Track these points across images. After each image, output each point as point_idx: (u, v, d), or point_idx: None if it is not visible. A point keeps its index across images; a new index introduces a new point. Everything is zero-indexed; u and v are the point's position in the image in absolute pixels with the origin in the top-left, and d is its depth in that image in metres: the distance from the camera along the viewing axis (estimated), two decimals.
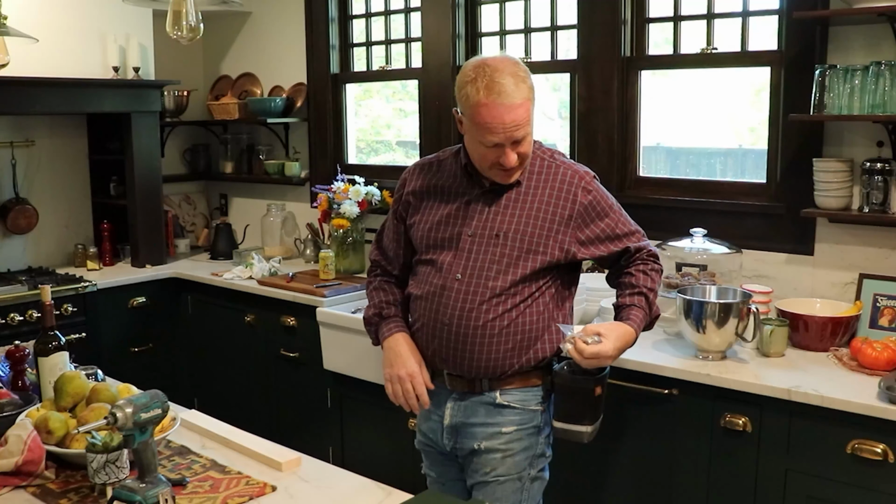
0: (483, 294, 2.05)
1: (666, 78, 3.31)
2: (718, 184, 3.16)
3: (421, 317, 2.15)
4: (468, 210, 2.11)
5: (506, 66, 1.95)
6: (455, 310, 2.07)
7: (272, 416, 3.83)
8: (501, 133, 1.94)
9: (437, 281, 2.11)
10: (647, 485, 2.64)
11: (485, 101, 1.93)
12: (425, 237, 2.16)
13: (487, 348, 2.07)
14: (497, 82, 1.92)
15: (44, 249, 4.29)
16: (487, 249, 2.07)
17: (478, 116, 1.95)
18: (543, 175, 2.11)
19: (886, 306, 2.65)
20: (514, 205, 2.09)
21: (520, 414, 2.11)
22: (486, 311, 2.05)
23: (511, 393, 2.11)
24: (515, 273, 2.05)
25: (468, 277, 2.07)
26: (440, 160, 2.23)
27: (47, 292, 2.14)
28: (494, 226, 2.08)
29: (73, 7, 3.99)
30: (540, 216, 2.07)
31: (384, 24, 4.16)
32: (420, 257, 2.19)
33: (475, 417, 2.12)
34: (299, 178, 4.38)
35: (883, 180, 2.63)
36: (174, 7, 2.76)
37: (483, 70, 1.94)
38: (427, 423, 2.24)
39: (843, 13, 2.60)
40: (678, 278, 2.89)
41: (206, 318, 4.13)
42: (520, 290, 2.07)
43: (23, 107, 3.86)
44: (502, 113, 1.92)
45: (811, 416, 2.27)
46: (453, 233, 2.11)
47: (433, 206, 2.17)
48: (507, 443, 2.11)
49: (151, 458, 1.58)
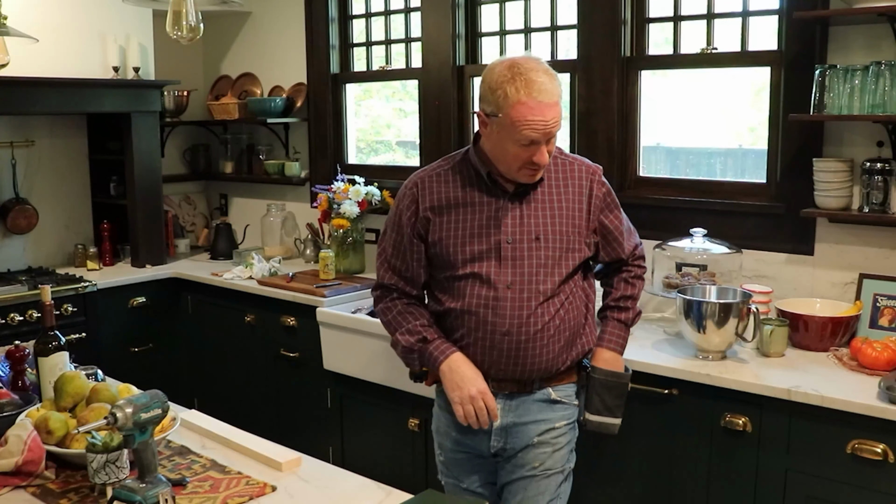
0: (537, 298, 2.08)
1: (666, 78, 3.31)
2: (718, 184, 3.16)
3: (472, 331, 2.12)
4: (500, 217, 2.10)
5: (538, 65, 1.99)
6: (513, 318, 2.08)
7: (272, 417, 3.83)
8: (542, 130, 1.97)
9: (487, 292, 2.09)
10: (647, 484, 2.64)
11: (525, 100, 1.95)
12: (460, 252, 2.12)
13: (547, 350, 2.12)
14: (535, 80, 1.95)
15: (44, 249, 4.29)
16: (531, 254, 2.09)
17: (518, 115, 1.96)
18: (560, 172, 2.16)
19: (886, 306, 2.65)
20: (542, 205, 2.12)
21: (567, 409, 2.20)
22: (541, 315, 2.09)
23: (561, 389, 2.19)
24: (561, 273, 2.11)
25: (519, 284, 2.08)
26: (446, 170, 2.19)
27: (47, 292, 2.14)
28: (531, 229, 2.10)
29: (73, 7, 3.99)
30: (567, 213, 2.13)
31: (384, 23, 4.16)
32: (455, 272, 2.13)
33: (528, 416, 2.16)
34: (299, 178, 4.38)
35: (883, 180, 2.62)
36: (174, 7, 2.76)
37: (518, 69, 1.97)
38: (464, 428, 2.18)
39: (844, 13, 2.60)
40: (678, 278, 2.89)
41: (206, 318, 4.13)
42: (563, 288, 2.12)
43: (23, 107, 3.86)
44: (544, 110, 1.96)
45: (811, 416, 2.27)
46: (490, 242, 2.10)
47: (459, 218, 2.13)
48: (557, 437, 2.18)
49: (151, 459, 1.58)
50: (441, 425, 2.29)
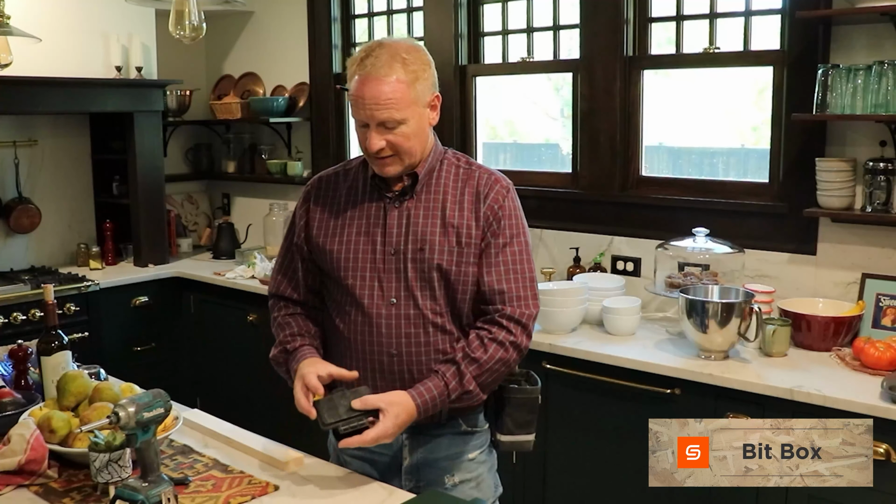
0: (425, 316, 1.84)
1: (668, 77, 3.31)
2: (721, 183, 3.15)
3: (356, 351, 1.87)
4: (384, 223, 1.87)
5: (394, 46, 1.80)
6: (400, 337, 1.84)
7: (274, 416, 3.83)
8: (363, 109, 1.77)
9: (370, 308, 1.84)
10: (648, 485, 2.63)
11: (355, 73, 1.80)
12: (342, 259, 1.88)
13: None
14: (372, 56, 1.78)
15: (47, 249, 4.30)
16: (415, 265, 1.83)
17: (350, 91, 1.81)
18: (458, 180, 1.89)
19: (889, 306, 2.64)
20: (431, 212, 1.86)
21: (480, 436, 1.96)
22: (433, 335, 1.84)
23: (471, 417, 1.93)
24: (452, 288, 1.85)
25: (404, 300, 1.84)
26: (346, 170, 1.99)
27: (50, 292, 2.14)
28: (416, 238, 1.84)
29: (76, 7, 3.99)
30: (458, 222, 1.85)
31: (386, 23, 4.16)
32: (337, 282, 1.90)
33: (439, 450, 1.91)
34: (302, 177, 4.37)
35: (886, 180, 2.62)
36: (177, 7, 2.76)
37: (370, 47, 1.81)
38: (365, 466, 1.95)
39: (846, 13, 2.60)
40: (681, 278, 2.89)
41: (209, 318, 4.13)
42: (459, 306, 1.87)
43: (26, 106, 3.86)
44: (364, 85, 1.77)
45: (813, 416, 2.27)
46: (374, 251, 1.86)
47: (344, 223, 1.91)
48: (476, 467, 1.95)
49: (154, 458, 1.58)
50: (343, 461, 2.01)
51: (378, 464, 1.94)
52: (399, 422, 1.75)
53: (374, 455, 1.94)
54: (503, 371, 1.86)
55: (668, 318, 3.01)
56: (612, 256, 3.32)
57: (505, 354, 1.83)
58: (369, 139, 1.79)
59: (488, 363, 1.81)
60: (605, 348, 2.70)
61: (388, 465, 1.93)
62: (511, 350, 1.83)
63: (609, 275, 3.23)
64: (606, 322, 2.86)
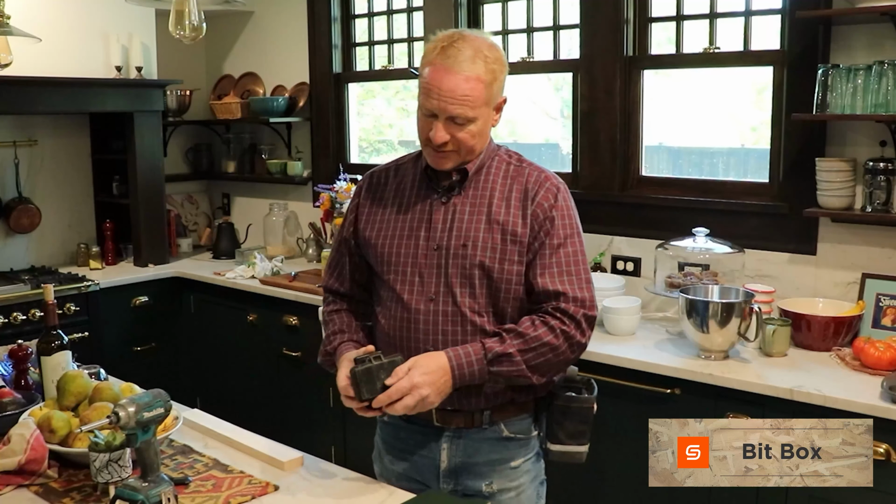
0: (462, 314, 1.80)
1: (668, 77, 3.31)
2: (721, 183, 3.15)
3: (396, 348, 1.83)
4: (430, 219, 1.84)
5: (477, 42, 1.76)
6: (436, 335, 1.81)
7: (274, 416, 3.83)
8: (437, 99, 1.73)
9: (408, 303, 1.83)
10: (648, 484, 2.63)
11: (434, 61, 1.75)
12: (387, 254, 1.87)
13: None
14: (455, 48, 1.74)
15: (47, 249, 4.30)
16: (456, 262, 1.80)
17: (423, 77, 1.77)
18: (507, 177, 1.86)
19: (889, 306, 2.64)
20: (478, 209, 1.83)
21: (525, 443, 1.91)
22: (471, 334, 1.80)
23: (514, 423, 1.88)
24: (494, 287, 1.81)
25: (444, 297, 1.81)
26: (400, 164, 1.98)
27: (50, 291, 2.14)
28: (460, 234, 1.81)
29: (76, 6, 3.99)
30: (504, 220, 1.81)
31: (386, 23, 4.16)
32: (381, 276, 1.90)
33: (478, 455, 1.87)
34: (302, 177, 4.38)
35: (886, 180, 2.62)
36: (177, 6, 2.76)
37: (453, 36, 1.77)
38: (407, 466, 1.94)
39: (846, 13, 2.60)
40: (681, 278, 2.89)
41: (209, 318, 4.13)
42: (502, 305, 1.83)
43: (26, 106, 3.87)
44: (443, 77, 1.73)
45: (814, 416, 2.26)
46: (417, 246, 1.84)
47: (391, 217, 1.90)
48: (517, 476, 1.90)
49: (154, 458, 1.58)
50: (387, 462, 2.00)
51: (419, 465, 1.91)
52: (428, 371, 1.71)
53: (414, 456, 1.92)
54: (553, 359, 1.77)
55: (668, 318, 3.01)
56: (612, 256, 3.32)
57: (554, 340, 1.75)
58: (435, 131, 1.76)
59: (534, 341, 1.74)
60: (605, 348, 2.70)
61: (428, 466, 1.90)
62: (561, 338, 1.76)
63: (609, 275, 3.23)
64: (606, 322, 2.85)
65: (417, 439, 1.91)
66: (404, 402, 1.69)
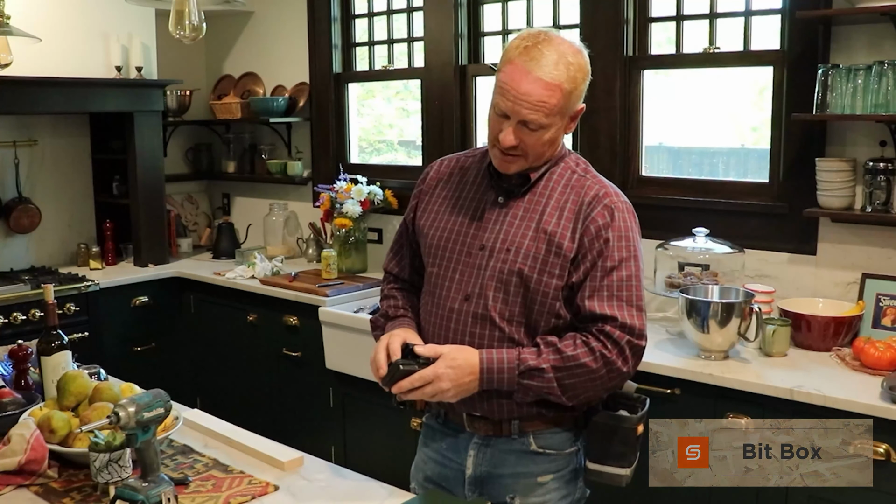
0: (492, 318, 1.75)
1: (668, 77, 3.31)
2: (721, 183, 3.15)
3: (430, 343, 1.79)
4: (483, 218, 1.80)
5: (563, 46, 1.68)
6: (465, 335, 1.76)
7: (274, 416, 3.83)
8: (512, 100, 1.66)
9: (444, 300, 1.80)
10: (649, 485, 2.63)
11: (516, 61, 1.67)
12: (435, 246, 1.84)
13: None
14: (539, 50, 1.66)
15: (47, 249, 4.30)
16: (495, 265, 1.75)
17: (502, 74, 1.69)
18: (566, 187, 1.78)
19: (889, 306, 2.64)
20: (529, 214, 1.77)
21: (556, 460, 1.81)
22: (498, 339, 1.75)
23: (545, 436, 1.79)
24: (530, 296, 1.75)
25: (477, 298, 1.76)
26: (468, 157, 1.93)
27: (50, 291, 2.14)
28: (507, 238, 1.76)
29: (76, 7, 3.99)
30: (552, 230, 1.74)
31: (386, 23, 4.16)
32: (428, 267, 1.87)
33: (504, 467, 1.80)
34: (302, 177, 4.38)
35: (886, 180, 2.62)
36: (177, 6, 2.76)
37: (538, 36, 1.69)
38: (437, 469, 1.90)
39: (846, 13, 2.60)
40: (681, 278, 2.89)
41: (209, 318, 4.13)
42: (536, 317, 1.76)
43: (26, 106, 3.87)
44: (522, 80, 1.65)
45: (814, 416, 2.27)
46: (464, 243, 1.80)
47: (446, 209, 1.86)
48: (544, 494, 1.81)
49: (154, 458, 1.58)
50: (419, 460, 1.98)
51: (447, 471, 1.87)
52: (455, 364, 1.67)
53: (444, 461, 1.88)
54: (587, 383, 1.69)
55: (668, 318, 3.01)
56: None
57: (592, 363, 1.66)
58: (504, 133, 1.69)
59: (570, 360, 1.66)
60: None
61: (456, 473, 1.85)
62: (600, 362, 1.67)
63: None
64: None
65: (449, 443, 1.87)
66: (423, 390, 1.68)
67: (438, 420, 1.90)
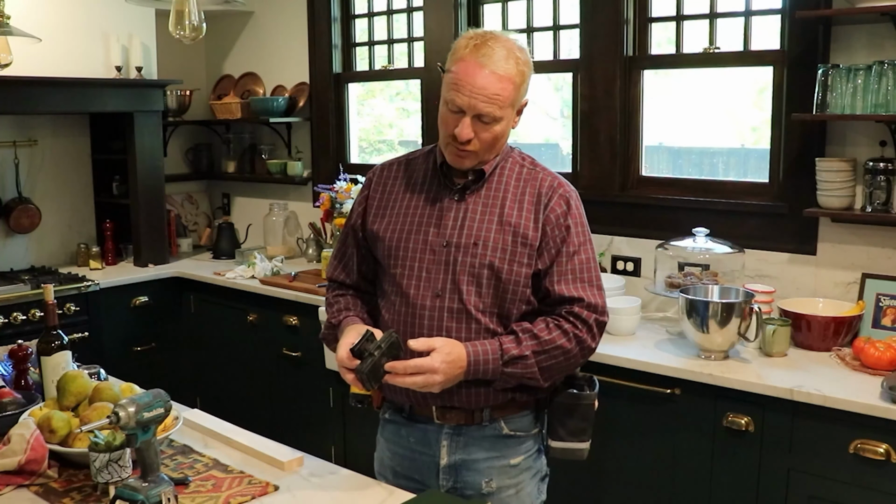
0: (467, 311, 1.81)
1: (668, 77, 3.31)
2: (721, 183, 3.15)
3: (408, 336, 1.81)
4: (442, 216, 1.85)
5: (508, 42, 1.78)
6: (440, 331, 1.81)
7: (274, 416, 3.83)
8: (468, 95, 1.73)
9: (415, 299, 1.83)
10: (649, 485, 2.63)
11: (467, 57, 1.75)
12: (394, 248, 1.87)
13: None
14: (489, 46, 1.75)
15: (47, 249, 4.30)
16: (465, 259, 1.80)
17: (455, 71, 1.76)
18: (520, 180, 1.87)
19: (889, 306, 2.65)
20: (490, 209, 1.84)
21: (525, 441, 1.91)
22: (475, 332, 1.81)
23: (515, 420, 1.88)
24: (501, 286, 1.82)
25: (450, 293, 1.81)
26: (411, 159, 1.98)
27: (50, 291, 2.14)
28: (472, 232, 1.82)
29: (76, 7, 3.99)
30: (515, 222, 1.82)
31: (386, 23, 4.16)
32: (387, 269, 1.89)
33: (478, 452, 1.88)
34: (302, 177, 4.38)
35: (886, 180, 2.62)
36: (177, 7, 2.76)
37: (484, 35, 1.78)
38: (406, 464, 1.94)
39: (846, 13, 2.60)
40: (681, 278, 2.89)
41: (209, 318, 4.13)
42: (507, 306, 1.83)
43: (26, 106, 3.86)
44: (477, 74, 1.73)
45: (814, 416, 2.27)
46: (426, 242, 1.84)
47: (401, 211, 1.89)
48: (517, 474, 1.90)
49: (154, 458, 1.58)
50: (383, 457, 2.01)
51: (418, 464, 1.92)
52: (450, 359, 1.71)
53: (414, 454, 1.92)
54: (563, 363, 1.80)
55: (668, 318, 3.01)
56: (612, 256, 3.32)
57: (567, 344, 1.78)
58: (461, 127, 1.75)
59: (548, 344, 1.77)
60: (605, 348, 2.69)
61: (427, 464, 1.91)
62: (574, 343, 1.78)
63: (609, 275, 3.23)
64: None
65: (418, 436, 1.91)
66: (415, 378, 1.70)
67: (403, 415, 1.93)
